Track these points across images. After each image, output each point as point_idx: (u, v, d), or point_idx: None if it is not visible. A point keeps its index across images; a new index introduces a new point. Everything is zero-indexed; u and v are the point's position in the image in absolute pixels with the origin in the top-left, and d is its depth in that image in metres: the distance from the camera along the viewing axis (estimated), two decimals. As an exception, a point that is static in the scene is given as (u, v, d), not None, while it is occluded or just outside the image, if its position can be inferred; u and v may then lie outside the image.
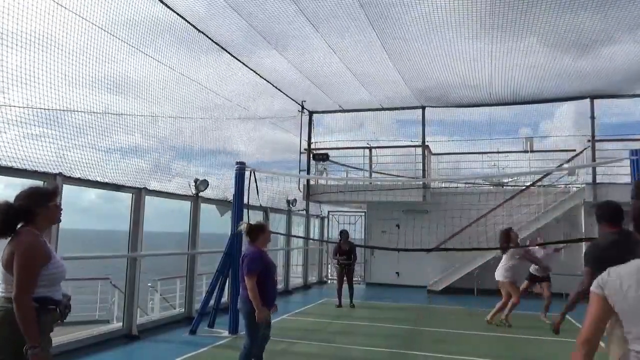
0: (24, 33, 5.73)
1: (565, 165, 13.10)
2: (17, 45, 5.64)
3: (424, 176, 13.85)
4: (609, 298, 1.96)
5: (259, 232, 5.06)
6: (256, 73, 11.32)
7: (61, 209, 3.12)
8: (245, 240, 5.12)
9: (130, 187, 7.61)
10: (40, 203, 2.92)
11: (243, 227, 5.13)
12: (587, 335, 2.00)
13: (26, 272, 2.71)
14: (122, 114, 7.52)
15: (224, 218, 9.67)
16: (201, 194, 9.04)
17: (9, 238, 2.82)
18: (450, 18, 8.13)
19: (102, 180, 7.03)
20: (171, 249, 14.48)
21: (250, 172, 8.25)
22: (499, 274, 8.78)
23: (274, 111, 13.07)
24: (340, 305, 10.74)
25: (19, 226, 2.87)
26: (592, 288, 2.02)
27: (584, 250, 4.09)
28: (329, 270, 16.38)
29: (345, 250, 10.92)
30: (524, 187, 13.39)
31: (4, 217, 2.80)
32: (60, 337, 6.30)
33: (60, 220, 3.20)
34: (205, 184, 9.02)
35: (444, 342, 7.67)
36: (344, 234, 11.27)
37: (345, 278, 10.92)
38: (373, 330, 8.50)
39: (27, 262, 2.73)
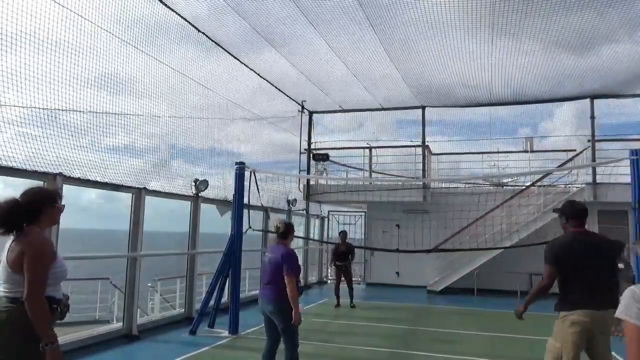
0: (23, 33, 5.73)
1: (566, 166, 13.10)
2: (15, 44, 5.64)
3: (424, 176, 13.85)
4: None
5: (290, 230, 5.07)
6: (256, 73, 11.32)
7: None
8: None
9: (130, 187, 7.61)
10: (48, 203, 2.93)
11: (278, 224, 4.99)
12: None
13: (40, 271, 2.72)
14: (122, 114, 7.52)
15: (224, 218, 9.67)
16: (201, 194, 9.05)
17: (13, 238, 2.80)
18: (450, 18, 8.12)
19: (102, 180, 7.04)
20: (171, 249, 14.48)
21: (250, 173, 8.27)
22: None
23: (274, 111, 13.08)
24: (338, 305, 10.73)
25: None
26: (631, 320, 1.59)
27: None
28: (329, 271, 16.39)
29: (342, 252, 10.95)
30: (523, 187, 13.40)
31: (13, 214, 2.79)
32: (60, 337, 6.28)
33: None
34: (205, 184, 9.02)
35: (444, 342, 7.67)
36: (341, 234, 11.33)
37: (344, 278, 10.93)
38: (373, 330, 8.50)
39: (41, 261, 2.73)
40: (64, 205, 3.09)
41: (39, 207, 2.87)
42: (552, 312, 3.99)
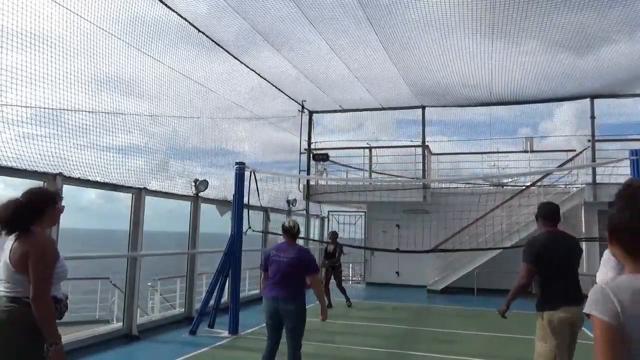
0: (23, 32, 5.73)
1: (566, 166, 13.10)
2: (15, 44, 5.64)
3: (424, 176, 13.85)
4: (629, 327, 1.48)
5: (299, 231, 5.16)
6: (256, 73, 11.32)
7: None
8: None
9: (130, 187, 7.61)
10: (50, 203, 2.94)
11: (292, 223, 4.96)
12: None
13: (46, 271, 2.73)
14: (122, 114, 7.52)
15: (224, 218, 9.67)
16: (201, 194, 9.05)
17: (15, 238, 2.79)
18: (450, 18, 8.12)
19: (102, 180, 7.03)
20: (171, 249, 14.47)
21: (250, 173, 8.27)
22: None
23: (274, 111, 13.07)
24: (330, 306, 10.51)
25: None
26: (602, 317, 1.53)
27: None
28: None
29: (330, 253, 10.93)
30: (523, 187, 13.39)
31: (18, 215, 2.78)
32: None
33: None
34: (205, 184, 9.02)
35: (444, 342, 7.67)
36: (331, 235, 11.36)
37: (334, 279, 10.88)
38: (372, 330, 8.50)
39: (48, 261, 2.74)
40: (64, 206, 3.10)
41: (41, 207, 2.88)
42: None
